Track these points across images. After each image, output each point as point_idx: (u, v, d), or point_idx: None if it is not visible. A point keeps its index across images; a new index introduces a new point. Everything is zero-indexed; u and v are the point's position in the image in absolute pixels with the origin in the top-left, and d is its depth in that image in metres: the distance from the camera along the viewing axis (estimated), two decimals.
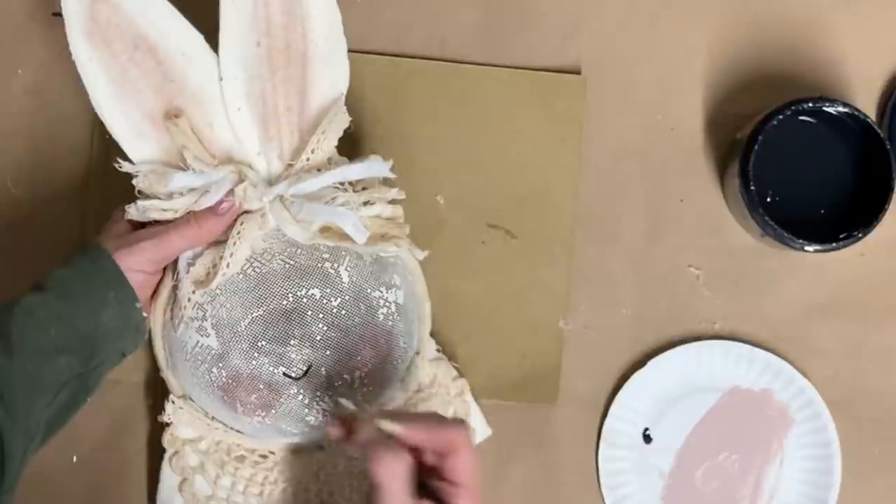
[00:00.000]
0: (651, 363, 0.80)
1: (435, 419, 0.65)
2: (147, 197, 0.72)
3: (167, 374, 0.75)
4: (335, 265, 0.72)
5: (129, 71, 0.71)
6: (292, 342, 0.71)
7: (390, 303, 0.73)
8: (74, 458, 0.79)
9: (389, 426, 0.63)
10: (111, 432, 0.79)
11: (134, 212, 0.72)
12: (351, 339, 0.72)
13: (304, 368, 0.71)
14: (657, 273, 0.81)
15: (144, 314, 0.72)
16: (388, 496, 0.60)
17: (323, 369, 0.72)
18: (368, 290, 0.72)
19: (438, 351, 0.78)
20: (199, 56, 0.72)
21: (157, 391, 0.79)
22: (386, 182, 0.75)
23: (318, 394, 0.72)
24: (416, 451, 0.63)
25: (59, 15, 0.79)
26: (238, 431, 0.75)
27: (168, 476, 0.76)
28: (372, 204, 0.73)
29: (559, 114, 0.81)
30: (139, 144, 0.72)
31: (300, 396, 0.72)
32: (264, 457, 0.76)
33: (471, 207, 0.80)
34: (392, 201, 0.75)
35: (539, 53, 0.82)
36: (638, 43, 0.82)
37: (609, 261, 0.81)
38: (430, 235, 0.78)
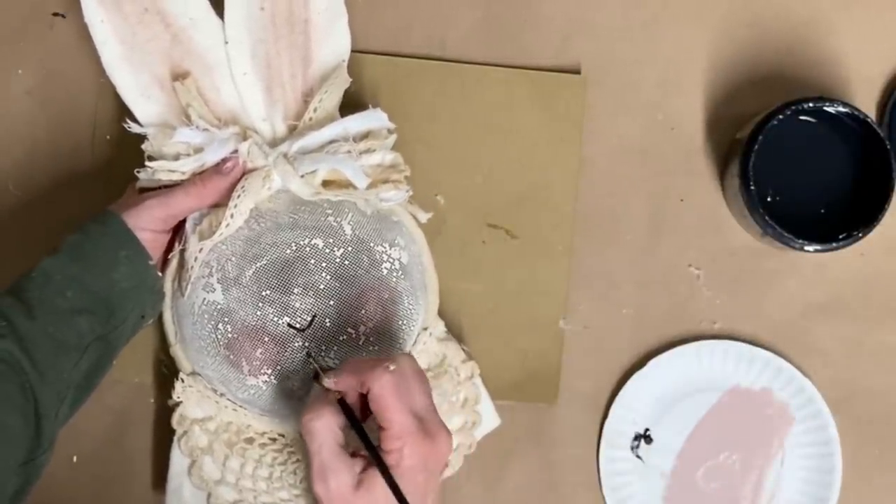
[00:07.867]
0: (651, 363, 0.80)
1: (360, 363, 0.67)
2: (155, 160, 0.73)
3: (176, 349, 0.75)
4: (338, 219, 0.73)
5: (139, 34, 0.74)
6: (296, 290, 0.72)
7: (394, 259, 0.74)
8: (74, 458, 0.79)
9: (325, 380, 0.66)
10: (111, 432, 0.79)
11: (144, 177, 0.73)
12: (354, 291, 0.73)
13: (309, 319, 0.72)
14: (657, 273, 0.81)
15: (159, 273, 0.73)
16: (314, 446, 0.64)
17: (327, 320, 0.73)
18: (371, 244, 0.74)
19: (447, 332, 0.78)
20: (206, 20, 0.74)
21: (157, 391, 0.79)
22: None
23: (324, 348, 0.73)
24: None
25: (59, 15, 0.80)
26: (246, 409, 0.75)
27: (177, 461, 0.76)
28: (373, 151, 0.74)
29: (559, 114, 0.81)
30: (148, 107, 0.74)
31: (305, 350, 0.72)
32: (273, 440, 0.76)
33: (471, 207, 0.80)
34: (393, 149, 0.75)
35: (539, 53, 0.82)
36: (638, 43, 0.82)
37: (609, 261, 0.81)
38: (430, 235, 0.78)
